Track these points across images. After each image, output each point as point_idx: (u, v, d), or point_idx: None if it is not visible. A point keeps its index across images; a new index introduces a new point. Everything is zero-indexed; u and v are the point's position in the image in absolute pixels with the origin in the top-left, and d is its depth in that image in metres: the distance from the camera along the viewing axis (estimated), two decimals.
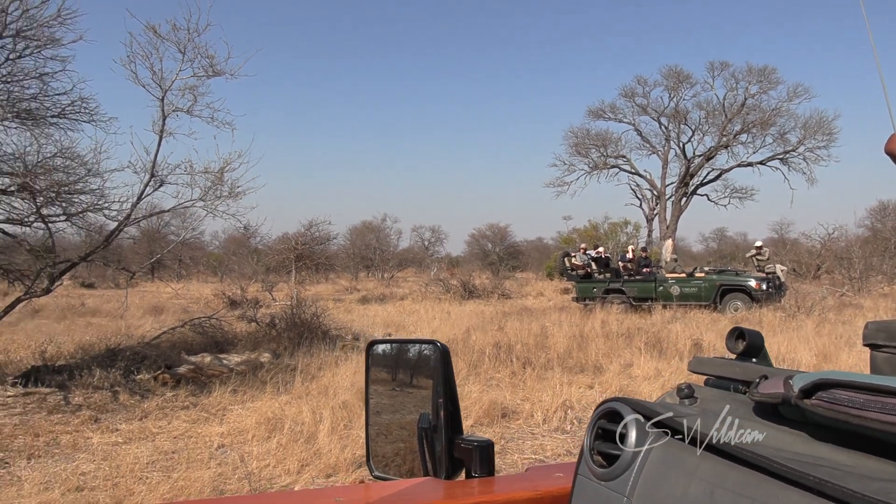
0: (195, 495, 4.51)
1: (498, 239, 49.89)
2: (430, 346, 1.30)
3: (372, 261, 44.74)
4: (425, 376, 1.46)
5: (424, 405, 1.38)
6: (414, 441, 1.35)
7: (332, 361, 9.34)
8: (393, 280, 39.58)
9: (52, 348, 10.65)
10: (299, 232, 27.89)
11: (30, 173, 7.35)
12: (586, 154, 37.19)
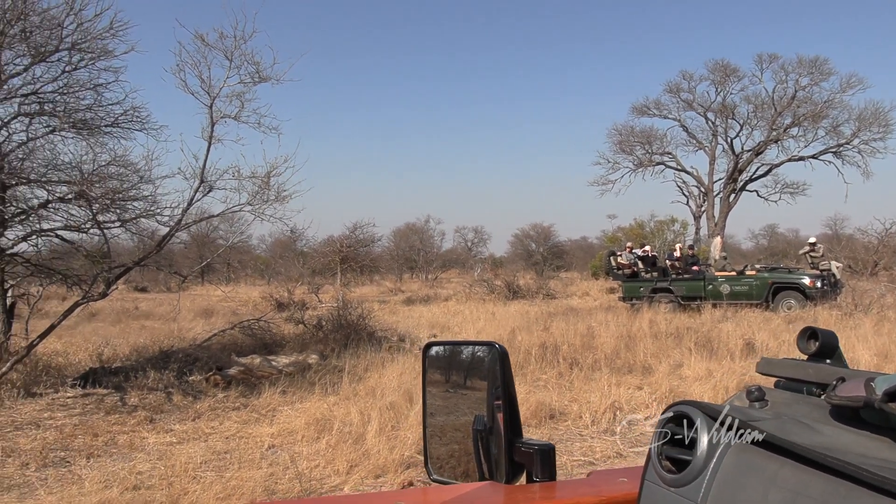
0: (248, 495, 4.58)
1: (542, 239, 49.54)
2: (488, 347, 1.28)
3: (416, 262, 44.94)
4: (479, 378, 1.45)
5: (479, 407, 1.37)
6: (468, 443, 1.34)
7: (378, 363, 9.39)
8: (437, 281, 39.69)
9: (108, 351, 10.97)
10: (344, 234, 28.14)
11: (86, 181, 7.58)
12: (631, 151, 36.69)
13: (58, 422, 7.00)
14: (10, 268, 8.83)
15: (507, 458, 1.12)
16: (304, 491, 4.73)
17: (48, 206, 8.14)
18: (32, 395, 7.99)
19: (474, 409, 1.39)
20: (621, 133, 36.80)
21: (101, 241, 8.89)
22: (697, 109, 35.94)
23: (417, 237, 46.59)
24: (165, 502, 4.62)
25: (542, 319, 15.04)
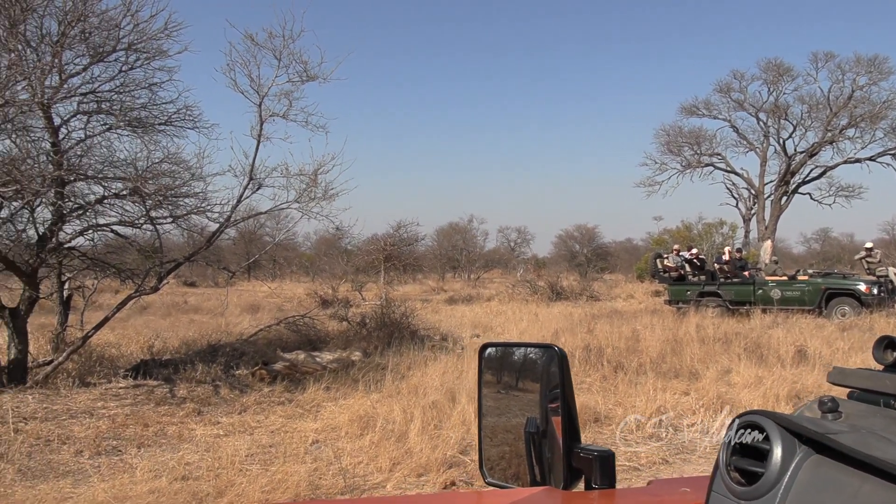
0: (292, 489, 4.64)
1: (586, 240, 49.07)
2: (546, 350, 1.26)
3: (458, 262, 45.00)
4: (531, 380, 1.43)
5: (531, 409, 1.35)
6: (519, 445, 1.32)
7: (421, 361, 9.41)
8: (479, 281, 39.66)
9: (158, 343, 11.24)
10: (388, 233, 28.34)
11: (140, 178, 7.78)
12: (678, 152, 36.03)
13: (110, 411, 7.21)
14: (68, 261, 9.11)
15: (564, 463, 1.10)
16: (347, 487, 4.76)
17: (104, 202, 8.38)
18: (87, 384, 8.23)
19: (526, 410, 1.37)
20: (669, 133, 36.18)
21: (153, 237, 9.12)
22: (749, 110, 35.12)
23: (460, 237, 46.63)
24: (212, 493, 4.70)
25: (585, 321, 14.89)
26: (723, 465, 0.80)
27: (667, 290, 19.01)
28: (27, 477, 5.17)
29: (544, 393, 1.28)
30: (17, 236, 8.03)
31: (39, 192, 7.36)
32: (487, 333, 13.97)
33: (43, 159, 8.13)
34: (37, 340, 9.87)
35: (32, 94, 7.26)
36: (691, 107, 35.99)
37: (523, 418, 1.35)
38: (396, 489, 4.83)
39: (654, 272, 19.70)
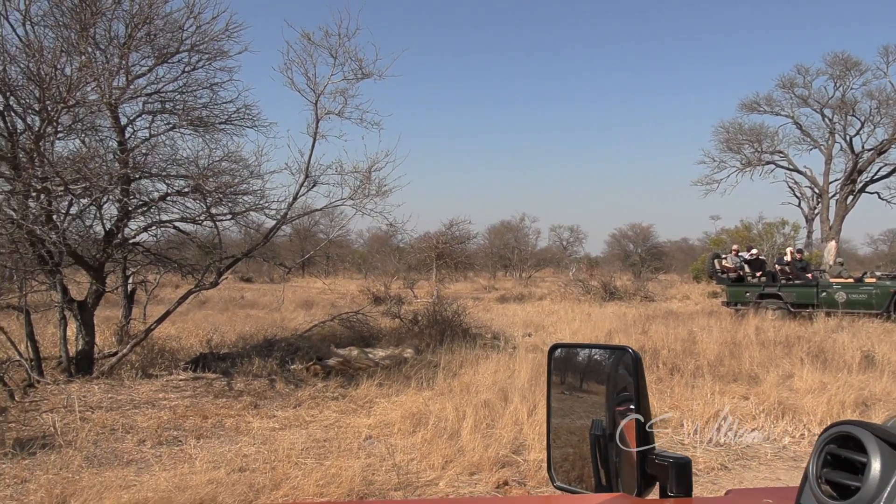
0: (346, 484, 4.68)
1: (640, 239, 48.27)
2: (615, 352, 1.24)
3: (510, 260, 44.80)
4: (595, 381, 1.40)
5: (595, 411, 1.33)
6: (583, 447, 1.30)
7: (472, 360, 9.40)
8: (531, 280, 39.41)
9: (216, 337, 11.54)
10: (440, 231, 28.40)
11: (201, 176, 8.00)
12: (738, 150, 35.08)
13: (171, 402, 7.42)
14: (132, 256, 9.42)
15: (638, 469, 1.07)
16: (400, 483, 4.79)
17: (167, 199, 8.64)
18: (149, 376, 8.50)
19: (590, 413, 1.35)
20: (728, 131, 35.25)
21: (212, 233, 9.36)
22: (813, 106, 33.95)
23: (512, 235, 46.40)
24: (269, 485, 4.79)
25: (640, 322, 14.65)
26: (813, 477, 0.76)
27: (725, 292, 18.53)
28: (93, 464, 5.36)
29: (611, 395, 1.25)
30: (86, 232, 8.34)
31: (107, 189, 7.63)
32: (540, 333, 13.87)
33: (110, 158, 8.43)
34: (102, 333, 10.22)
35: (101, 94, 7.52)
36: (752, 103, 34.99)
37: (587, 420, 1.33)
38: (449, 487, 4.83)
39: (712, 273, 19.24)
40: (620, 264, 46.16)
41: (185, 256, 10.64)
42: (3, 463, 5.31)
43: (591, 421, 1.29)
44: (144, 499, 4.44)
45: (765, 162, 34.79)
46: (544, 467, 5.08)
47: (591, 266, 45.86)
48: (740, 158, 35.04)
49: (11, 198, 7.52)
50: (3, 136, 7.44)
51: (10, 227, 7.32)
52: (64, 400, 7.14)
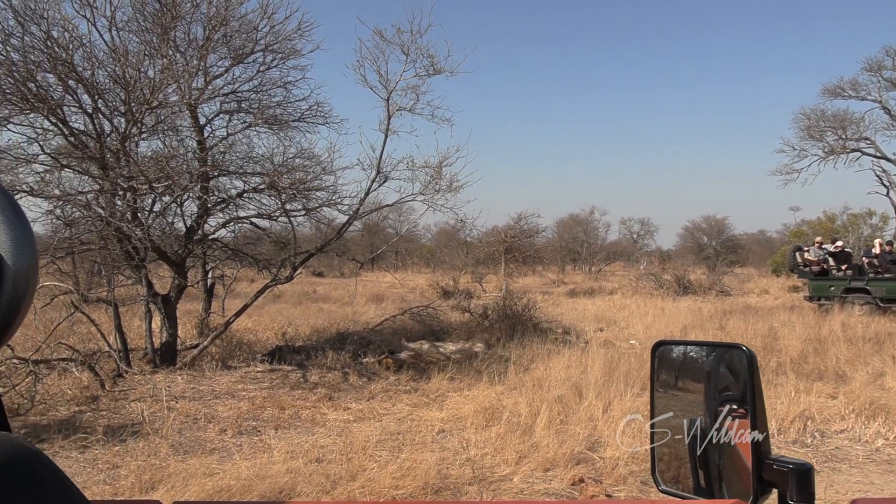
0: (421, 477, 4.71)
1: (714, 232, 46.77)
2: (723, 350, 1.18)
3: (579, 254, 44.22)
4: (691, 379, 1.35)
5: (691, 410, 1.27)
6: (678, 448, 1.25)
7: (544, 354, 9.32)
8: (600, 274, 38.80)
9: (291, 330, 11.82)
10: (509, 225, 28.29)
11: (276, 172, 8.20)
12: (820, 137, 33.44)
13: (250, 393, 7.64)
14: (211, 252, 9.75)
15: (754, 475, 1.01)
16: (475, 478, 4.78)
17: (244, 196, 8.89)
18: (228, 367, 8.78)
19: (685, 412, 1.29)
20: (810, 118, 33.62)
21: (286, 229, 9.58)
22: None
23: (581, 228, 45.79)
24: (345, 477, 4.86)
25: (716, 317, 14.21)
26: None
27: (807, 286, 17.73)
28: (178, 452, 5.57)
29: (711, 394, 1.19)
30: (168, 228, 8.67)
31: (187, 187, 7.91)
32: (612, 328, 13.63)
33: (190, 157, 8.74)
34: (184, 325, 10.62)
35: (181, 95, 7.80)
36: (835, 88, 33.24)
37: (681, 420, 1.27)
38: (523, 483, 4.79)
39: (793, 266, 18.45)
40: (694, 258, 44.88)
41: (260, 252, 10.94)
42: (96, 449, 5.58)
43: (687, 421, 1.24)
44: (227, 486, 4.58)
45: (850, 150, 33.05)
46: (621, 465, 5.01)
47: (663, 260, 44.76)
48: (823, 146, 33.40)
49: (100, 196, 7.89)
50: (92, 138, 7.80)
51: (99, 225, 7.68)
52: (150, 389, 7.45)
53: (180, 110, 8.27)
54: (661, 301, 19.19)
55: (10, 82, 7.16)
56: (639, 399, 6.99)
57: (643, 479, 4.89)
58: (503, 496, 4.55)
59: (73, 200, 7.88)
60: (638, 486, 4.75)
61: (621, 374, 7.80)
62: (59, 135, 7.91)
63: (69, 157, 8.15)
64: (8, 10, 7.20)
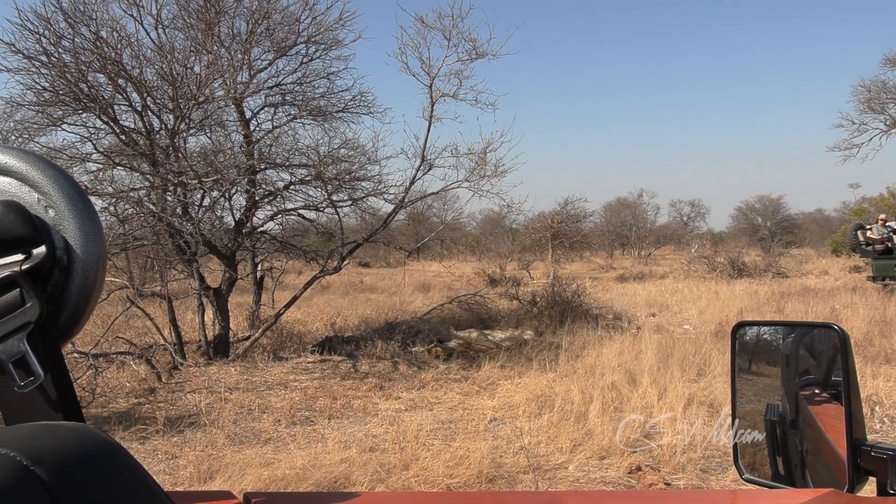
0: (475, 466, 4.71)
1: (769, 212, 45.58)
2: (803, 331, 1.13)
3: (627, 238, 43.55)
4: (767, 362, 1.30)
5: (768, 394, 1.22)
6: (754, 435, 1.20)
7: (595, 341, 9.22)
8: (650, 258, 38.19)
9: (340, 321, 11.95)
10: (555, 210, 27.99)
11: (322, 164, 8.26)
12: (881, 110, 32.11)
13: (302, 384, 7.76)
14: (260, 244, 9.90)
15: (850, 462, 0.96)
16: (530, 466, 4.76)
17: (290, 188, 9.00)
18: (279, 358, 8.93)
19: (762, 396, 1.24)
20: (870, 90, 32.30)
21: (331, 220, 9.66)
22: None
23: (629, 212, 45.08)
24: (399, 465, 4.89)
25: (773, 300, 13.84)
26: None
27: (870, 266, 17.12)
28: (235, 442, 5.69)
29: (791, 377, 1.14)
30: (218, 222, 8.84)
31: (235, 180, 8.04)
32: (664, 313, 13.41)
33: (236, 151, 8.88)
34: (236, 318, 10.83)
35: (227, 90, 7.91)
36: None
37: (759, 404, 1.22)
38: (579, 471, 4.75)
39: (855, 245, 17.83)
40: (748, 239, 43.84)
41: (307, 243, 11.08)
42: (156, 440, 5.74)
43: (765, 405, 1.19)
44: (283, 476, 4.66)
45: None
46: (678, 452, 4.91)
47: (715, 242, 43.84)
48: (884, 119, 32.09)
49: (151, 192, 8.08)
50: (142, 135, 7.99)
51: (151, 220, 7.88)
52: (205, 381, 7.63)
53: (226, 105, 8.40)
54: (714, 284, 18.77)
55: (63, 84, 7.37)
56: (694, 385, 6.87)
57: (703, 466, 4.80)
58: (559, 485, 4.52)
59: (126, 197, 8.10)
60: (697, 475, 4.67)
61: (676, 361, 7.68)
62: (111, 133, 8.12)
63: (121, 154, 8.37)
64: (58, 12, 7.41)
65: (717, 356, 7.91)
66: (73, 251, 0.64)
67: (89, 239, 0.64)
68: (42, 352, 0.60)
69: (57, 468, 0.45)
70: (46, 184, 0.64)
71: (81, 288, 0.63)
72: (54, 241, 0.63)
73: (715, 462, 4.94)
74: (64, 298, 0.64)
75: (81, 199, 0.65)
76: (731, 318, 11.41)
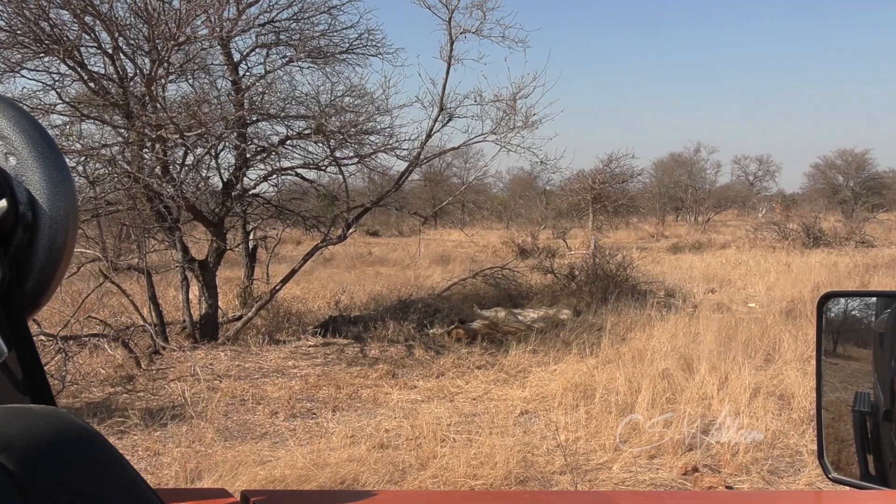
0: (502, 465, 4.74)
1: (852, 170, 44.93)
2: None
3: (682, 202, 43.24)
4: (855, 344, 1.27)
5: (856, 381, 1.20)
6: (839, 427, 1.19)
7: (644, 321, 9.21)
8: (709, 224, 37.89)
9: (345, 298, 12.03)
10: (597, 168, 27.82)
11: (323, 114, 8.24)
12: None
13: (302, 371, 7.85)
14: (252, 209, 9.94)
15: None
16: (567, 466, 4.79)
17: (287, 143, 8.99)
18: (276, 341, 9.02)
19: (848, 383, 1.22)
20: None
21: (335, 181, 9.67)
22: None
23: (685, 171, 44.70)
24: (415, 465, 4.95)
25: (856, 273, 13.73)
26: None
27: None
28: (225, 437, 5.78)
29: (885, 360, 1.11)
30: (203, 184, 8.87)
31: (222, 135, 8.05)
32: (726, 288, 13.35)
33: (223, 100, 8.87)
34: (225, 295, 10.93)
35: (211, 28, 7.87)
36: None
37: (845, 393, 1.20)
38: (625, 472, 4.77)
39: None
40: (826, 202, 43.36)
41: (307, 208, 11.10)
42: (135, 434, 5.84)
43: (854, 394, 1.17)
44: (281, 476, 4.73)
45: None
46: (741, 451, 4.90)
47: (787, 205, 43.36)
48: None
49: (126, 149, 8.12)
50: (114, 82, 8.00)
51: (126, 182, 7.93)
52: (191, 368, 7.72)
53: (211, 46, 8.37)
54: (785, 255, 18.62)
55: (22, 22, 7.37)
56: (761, 373, 6.85)
57: (770, 467, 4.80)
58: (601, 487, 4.54)
59: (97, 155, 8.14)
60: (764, 476, 4.67)
61: (739, 344, 7.67)
62: (78, 80, 8.13)
63: (90, 105, 8.39)
64: None
65: (788, 339, 7.87)
66: (38, 206, 0.62)
67: (57, 192, 0.63)
68: (5, 324, 0.59)
69: (25, 457, 0.44)
70: (6, 127, 0.63)
71: (49, 249, 0.62)
72: (16, 195, 0.62)
73: (785, 462, 4.93)
74: (29, 261, 0.63)
75: (48, 145, 0.64)
76: (804, 295, 11.32)
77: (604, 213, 28.42)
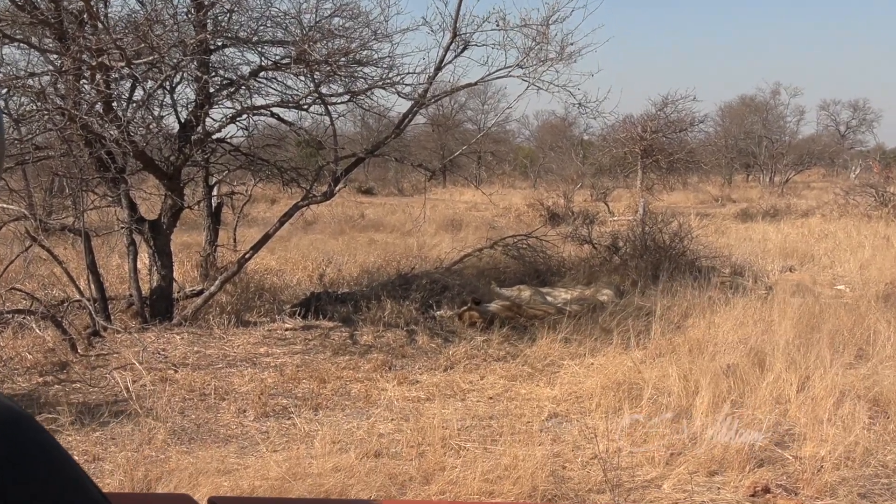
0: (526, 480, 4.77)
1: None
2: None
3: (755, 157, 43.01)
4: None
5: None
6: None
7: (704, 305, 9.20)
8: (788, 186, 37.75)
9: (331, 271, 12.05)
10: (648, 114, 27.64)
11: (306, 39, 8.16)
12: None
13: (276, 360, 7.88)
14: (216, 158, 9.90)
15: None
16: (607, 482, 4.80)
17: (260, 76, 8.93)
18: (245, 323, 9.05)
19: None
20: None
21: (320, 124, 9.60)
22: None
23: (758, 118, 44.37)
24: (416, 478, 4.97)
25: None
26: None
27: None
28: (182, 439, 5.82)
29: None
30: (155, 125, 8.84)
31: (180, 63, 8.00)
32: (807, 266, 13.33)
33: (181, 20, 8.80)
34: (182, 265, 10.96)
35: None
36: None
37: None
38: (678, 491, 4.79)
39: None
40: None
41: (285, 157, 11.06)
42: (70, 434, 5.87)
43: None
44: (250, 487, 4.77)
45: None
46: (826, 468, 4.92)
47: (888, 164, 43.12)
48: None
49: (59, 80, 8.08)
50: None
51: (59, 121, 7.89)
52: (139, 353, 7.76)
53: None
54: (884, 226, 18.56)
55: None
56: (851, 372, 6.84)
57: (861, 489, 4.80)
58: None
59: (23, 87, 8.11)
60: (853, 501, 4.67)
61: (825, 336, 7.65)
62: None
63: (13, 24, 8.35)
64: None
65: (886, 330, 7.84)
66: None
67: None
68: None
69: None
70: None
71: None
72: None
73: (880, 484, 4.93)
74: None
75: None
76: None
77: (656, 169, 28.32)
